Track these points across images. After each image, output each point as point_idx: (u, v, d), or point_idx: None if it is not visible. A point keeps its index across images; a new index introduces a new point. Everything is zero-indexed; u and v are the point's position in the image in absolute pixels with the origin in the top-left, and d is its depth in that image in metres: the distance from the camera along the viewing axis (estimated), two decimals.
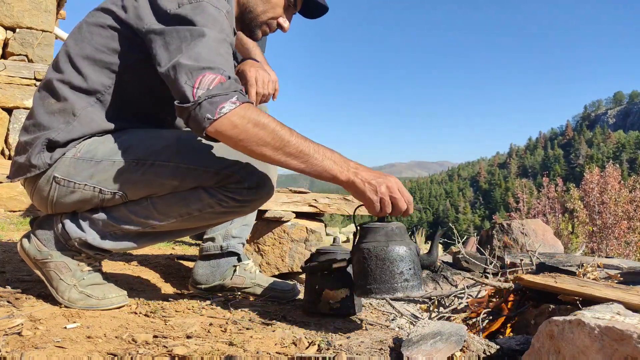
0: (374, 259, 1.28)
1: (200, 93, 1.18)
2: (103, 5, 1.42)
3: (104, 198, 1.37)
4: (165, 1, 1.31)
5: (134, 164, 1.35)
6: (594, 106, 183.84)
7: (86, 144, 1.38)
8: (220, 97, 1.19)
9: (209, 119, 1.17)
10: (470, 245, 3.56)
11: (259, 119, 1.21)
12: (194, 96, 1.18)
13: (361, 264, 1.30)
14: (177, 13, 1.29)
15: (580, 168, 77.43)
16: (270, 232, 2.37)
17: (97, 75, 1.38)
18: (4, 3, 4.70)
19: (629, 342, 0.75)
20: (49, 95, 1.40)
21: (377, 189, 1.25)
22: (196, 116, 1.19)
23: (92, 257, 1.46)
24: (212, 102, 1.18)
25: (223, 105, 1.18)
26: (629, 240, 8.08)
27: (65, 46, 1.44)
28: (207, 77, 1.20)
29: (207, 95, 1.18)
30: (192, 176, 1.33)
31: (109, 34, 1.38)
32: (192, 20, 1.27)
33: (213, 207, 1.37)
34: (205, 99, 1.18)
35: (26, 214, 4.12)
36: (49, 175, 1.37)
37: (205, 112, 1.17)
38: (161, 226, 1.40)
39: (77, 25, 1.46)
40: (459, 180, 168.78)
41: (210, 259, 1.82)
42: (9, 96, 4.45)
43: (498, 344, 1.14)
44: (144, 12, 1.33)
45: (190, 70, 1.20)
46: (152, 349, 1.08)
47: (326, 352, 1.11)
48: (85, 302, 1.40)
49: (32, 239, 1.43)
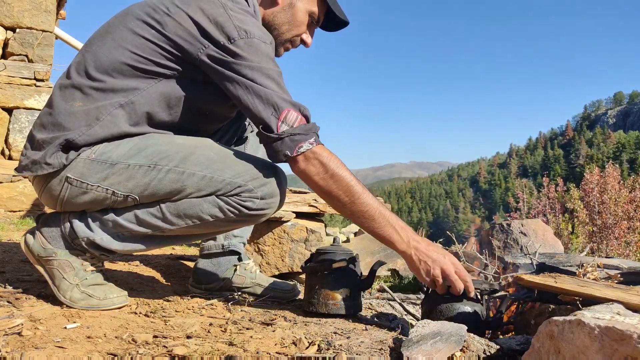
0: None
1: (284, 128, 1.33)
2: (139, 14, 1.40)
3: (116, 200, 1.37)
4: (215, 30, 1.34)
5: (149, 169, 1.35)
6: (594, 106, 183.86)
7: (102, 146, 1.38)
8: (300, 137, 1.34)
9: (286, 155, 1.34)
10: (470, 245, 3.56)
11: (333, 165, 1.35)
12: (278, 129, 1.33)
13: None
14: (229, 48, 1.33)
15: (580, 168, 77.50)
16: (270, 232, 2.37)
17: (127, 81, 1.38)
18: (4, 3, 4.70)
19: (629, 342, 0.75)
20: (73, 96, 1.38)
21: (430, 270, 1.35)
22: (276, 147, 1.34)
23: (96, 258, 1.46)
24: (293, 140, 1.33)
25: (302, 145, 1.34)
26: (629, 240, 8.08)
27: (92, 48, 1.42)
28: (291, 114, 1.34)
29: (291, 132, 1.33)
30: (206, 184, 1.34)
31: (146, 45, 1.37)
32: (247, 59, 1.34)
33: (225, 214, 1.37)
34: (288, 136, 1.33)
35: (26, 214, 4.13)
36: (62, 175, 1.37)
37: (285, 148, 1.34)
38: (171, 230, 1.40)
39: (105, 28, 1.44)
40: (459, 181, 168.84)
41: (211, 258, 1.82)
42: (9, 96, 4.45)
43: (498, 344, 1.14)
44: (193, 32, 1.35)
45: (276, 104, 1.33)
46: (152, 349, 1.08)
47: (326, 352, 1.11)
48: (86, 302, 1.40)
49: (37, 235, 1.43)
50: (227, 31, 1.34)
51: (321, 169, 1.34)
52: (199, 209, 1.36)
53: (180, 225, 1.39)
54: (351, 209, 1.36)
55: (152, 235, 1.43)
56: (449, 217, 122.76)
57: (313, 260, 1.55)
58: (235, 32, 1.34)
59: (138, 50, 1.37)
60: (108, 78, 1.38)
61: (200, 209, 1.36)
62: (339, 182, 1.35)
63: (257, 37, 1.36)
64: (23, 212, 4.26)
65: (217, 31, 1.34)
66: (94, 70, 1.38)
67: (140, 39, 1.37)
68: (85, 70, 1.40)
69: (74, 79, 1.40)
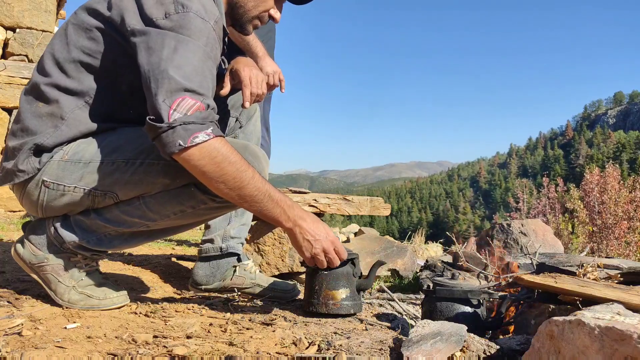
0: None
1: (176, 116, 1.17)
2: (87, 4, 1.39)
3: (95, 200, 1.36)
4: (152, 8, 1.27)
5: (124, 164, 1.33)
6: (594, 106, 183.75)
7: (74, 146, 1.36)
8: (195, 126, 1.18)
9: (180, 145, 1.17)
10: (471, 245, 3.56)
11: (227, 157, 1.22)
12: (169, 118, 1.17)
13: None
14: (163, 24, 1.24)
15: (580, 168, 77.44)
16: (270, 232, 2.37)
17: (84, 77, 1.36)
18: (4, 3, 4.70)
19: (629, 342, 0.75)
20: (36, 98, 1.37)
21: (311, 248, 1.36)
22: (167, 138, 1.18)
23: (88, 258, 1.45)
24: (186, 129, 1.17)
25: (197, 135, 1.18)
26: (629, 240, 8.08)
27: (50, 48, 1.41)
28: (186, 101, 1.19)
29: (184, 120, 1.17)
30: (183, 173, 1.30)
31: (95, 35, 1.35)
32: (170, 29, 1.24)
33: (206, 202, 1.36)
34: (180, 124, 1.17)
35: (26, 214, 4.13)
36: (37, 180, 1.35)
37: (177, 138, 1.17)
38: (155, 224, 1.40)
39: (62, 27, 1.43)
40: (459, 181, 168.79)
41: (209, 260, 1.81)
42: (9, 96, 4.45)
43: (498, 344, 1.14)
44: (128, 14, 1.29)
45: (170, 89, 1.18)
46: (152, 349, 1.08)
47: (326, 352, 1.11)
48: (86, 302, 1.40)
49: (26, 243, 1.42)
50: (165, 6, 1.26)
51: (215, 167, 1.21)
52: (179, 199, 1.35)
53: (163, 218, 1.38)
54: (239, 193, 1.26)
55: (138, 232, 1.42)
56: (449, 217, 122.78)
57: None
58: (172, 7, 1.25)
59: (86, 43, 1.35)
60: (62, 76, 1.36)
61: (180, 200, 1.35)
62: (230, 173, 1.23)
63: (193, 11, 1.26)
64: (23, 212, 4.26)
65: (154, 7, 1.26)
66: (50, 67, 1.37)
67: (87, 31, 1.35)
68: (42, 68, 1.39)
69: (34, 79, 1.40)
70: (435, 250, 5.29)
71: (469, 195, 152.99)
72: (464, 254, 2.54)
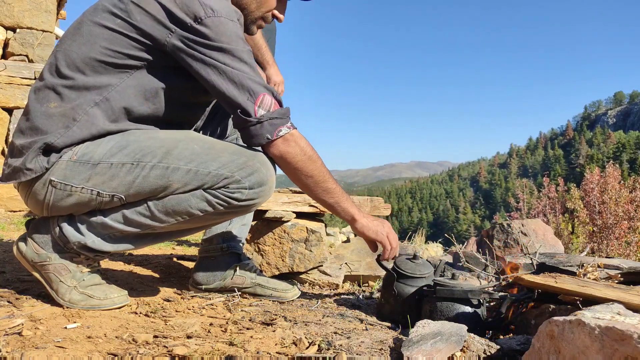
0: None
1: (262, 113, 1.37)
2: (105, 6, 1.37)
3: (101, 201, 1.35)
4: (180, 11, 1.31)
5: (132, 166, 1.33)
6: (594, 106, 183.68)
7: (83, 146, 1.36)
8: (279, 121, 1.39)
9: (268, 138, 1.39)
10: (470, 245, 3.56)
11: (309, 148, 1.45)
12: (255, 113, 1.36)
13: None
14: (197, 29, 1.31)
15: (580, 168, 77.42)
16: (270, 232, 2.37)
17: (99, 78, 1.35)
18: (4, 3, 4.70)
19: (629, 342, 0.75)
20: (47, 97, 1.36)
21: (379, 231, 1.59)
22: (256, 131, 1.38)
23: (91, 259, 1.45)
24: (272, 124, 1.38)
25: (281, 129, 1.39)
26: (630, 240, 8.07)
27: (63, 47, 1.39)
28: (266, 99, 1.38)
29: (269, 117, 1.38)
30: (192, 178, 1.32)
31: (114, 37, 1.34)
32: (216, 40, 1.32)
33: (215, 207, 1.36)
34: (267, 120, 1.37)
35: (27, 214, 4.13)
36: (45, 179, 1.35)
37: (265, 132, 1.38)
38: (161, 227, 1.39)
39: (75, 26, 1.41)
40: (459, 180, 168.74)
41: (210, 260, 1.81)
42: (9, 96, 4.45)
43: (498, 344, 1.14)
44: (157, 16, 1.32)
45: (251, 89, 1.36)
46: (153, 349, 1.08)
47: (326, 352, 1.11)
48: (87, 302, 1.40)
49: (29, 241, 1.41)
50: (193, 10, 1.31)
51: (299, 151, 1.42)
52: (187, 204, 1.35)
53: (170, 222, 1.37)
54: (323, 186, 1.48)
55: (143, 234, 1.42)
56: (449, 217, 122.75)
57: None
58: (202, 11, 1.31)
59: (106, 43, 1.34)
60: (79, 75, 1.35)
61: (188, 204, 1.35)
62: (315, 162, 1.45)
63: (224, 16, 1.34)
64: (23, 212, 4.26)
65: (183, 11, 1.31)
66: (66, 68, 1.35)
67: (107, 32, 1.34)
68: (56, 69, 1.37)
69: (47, 80, 1.38)
70: (435, 250, 5.29)
71: (470, 195, 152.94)
72: (464, 254, 2.54)
